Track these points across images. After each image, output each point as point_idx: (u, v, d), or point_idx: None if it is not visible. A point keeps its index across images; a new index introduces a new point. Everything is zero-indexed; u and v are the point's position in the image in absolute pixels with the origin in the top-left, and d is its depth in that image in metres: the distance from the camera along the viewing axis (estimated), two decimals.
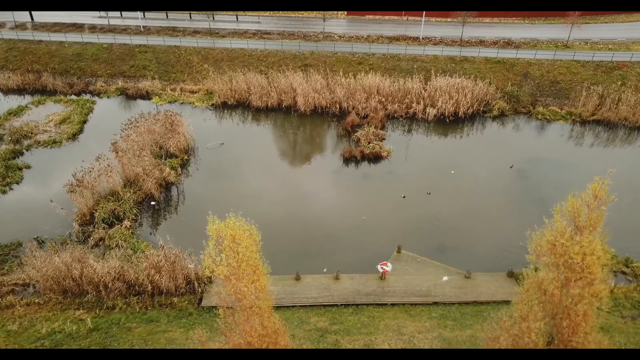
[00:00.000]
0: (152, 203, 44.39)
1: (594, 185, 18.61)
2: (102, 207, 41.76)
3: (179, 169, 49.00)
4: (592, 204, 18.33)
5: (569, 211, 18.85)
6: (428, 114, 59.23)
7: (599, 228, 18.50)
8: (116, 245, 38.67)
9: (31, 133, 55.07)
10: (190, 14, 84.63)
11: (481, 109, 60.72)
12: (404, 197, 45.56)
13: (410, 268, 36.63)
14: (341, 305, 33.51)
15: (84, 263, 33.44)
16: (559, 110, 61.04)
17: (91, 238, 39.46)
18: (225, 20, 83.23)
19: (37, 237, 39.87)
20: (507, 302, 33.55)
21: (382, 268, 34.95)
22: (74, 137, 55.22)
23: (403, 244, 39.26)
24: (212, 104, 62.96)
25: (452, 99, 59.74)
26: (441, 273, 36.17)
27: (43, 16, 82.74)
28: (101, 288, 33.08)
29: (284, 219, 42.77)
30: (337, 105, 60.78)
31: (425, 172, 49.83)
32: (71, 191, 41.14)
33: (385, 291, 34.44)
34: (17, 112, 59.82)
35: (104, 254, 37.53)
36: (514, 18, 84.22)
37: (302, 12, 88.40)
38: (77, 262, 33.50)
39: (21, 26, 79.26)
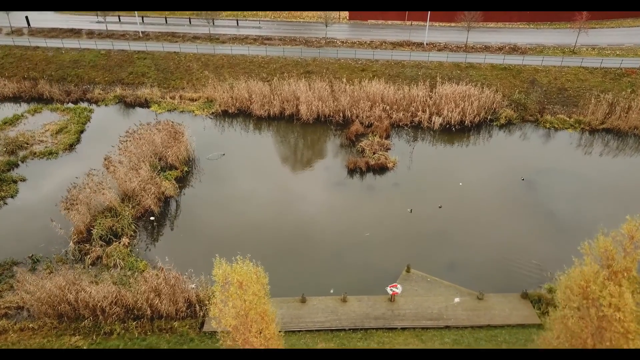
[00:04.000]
0: (152, 218, 42.92)
1: (628, 226, 17.15)
2: (99, 224, 40.26)
3: (180, 182, 47.48)
4: (629, 247, 16.87)
5: (601, 252, 17.44)
6: (434, 123, 57.83)
7: (634, 272, 17.10)
8: (114, 265, 37.22)
9: (26, 143, 53.55)
10: (189, 18, 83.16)
11: (488, 117, 59.33)
12: (411, 211, 44.15)
13: (420, 289, 35.21)
14: (349, 329, 32.07)
15: (79, 286, 31.95)
16: (567, 119, 59.66)
17: (88, 257, 37.95)
18: (225, 25, 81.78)
19: (32, 255, 38.38)
20: (522, 326, 32.57)
21: (391, 290, 33.53)
22: (70, 147, 53.71)
23: (411, 261, 37.85)
24: (213, 113, 61.48)
25: (458, 107, 58.32)
26: (452, 294, 34.75)
27: (40, 21, 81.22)
28: (98, 313, 31.61)
29: (287, 235, 41.36)
30: (341, 114, 59.38)
31: (432, 184, 48.40)
32: (66, 209, 39.56)
33: (395, 314, 33.01)
34: (13, 121, 58.30)
35: (101, 274, 36.07)
36: (518, 23, 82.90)
37: (303, 16, 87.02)
38: (71, 285, 32.01)
39: (17, 32, 77.73)
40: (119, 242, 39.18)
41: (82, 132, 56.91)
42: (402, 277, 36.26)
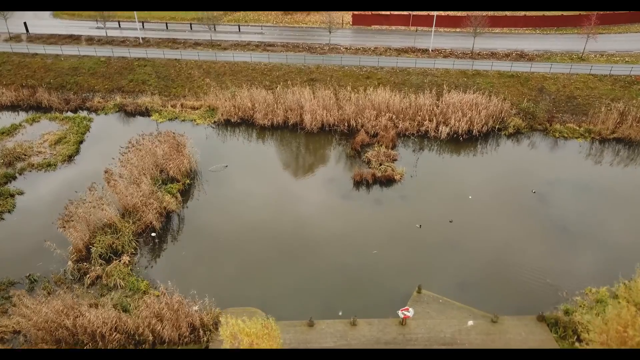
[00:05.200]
0: (153, 234, 41.60)
1: None
2: (99, 241, 38.93)
3: (182, 195, 46.15)
4: None
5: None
6: (441, 133, 56.49)
7: None
8: (114, 285, 35.93)
9: (24, 155, 52.24)
10: (190, 24, 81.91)
11: (496, 126, 58.02)
12: (420, 226, 42.84)
13: (432, 311, 33.93)
14: None
15: (77, 311, 30.65)
16: (577, 128, 58.34)
17: (87, 276, 36.63)
18: (227, 31, 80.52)
19: (30, 274, 37.10)
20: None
21: (403, 314, 32.23)
22: (69, 159, 52.39)
23: (421, 279, 36.64)
24: (215, 122, 60.19)
25: (466, 116, 57.01)
26: (465, 316, 33.48)
27: (38, 27, 79.99)
28: (98, 339, 30.30)
29: (292, 252, 40.06)
30: (346, 123, 58.08)
31: (440, 197, 47.07)
32: (62, 227, 38.20)
33: (406, 339, 31.73)
34: (10, 131, 56.94)
35: (101, 296, 34.80)
36: (525, 28, 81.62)
37: (306, 22, 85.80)
38: (70, 309, 30.73)
39: (16, 38, 76.47)
40: (119, 261, 37.86)
41: (81, 142, 55.59)
42: (413, 298, 34.99)
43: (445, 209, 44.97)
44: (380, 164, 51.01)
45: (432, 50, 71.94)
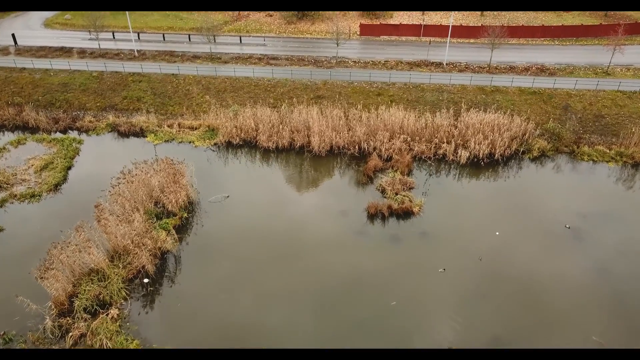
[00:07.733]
0: (145, 281, 37.05)
1: None
2: (84, 291, 34.46)
3: (179, 231, 41.61)
4: None
5: None
6: (460, 156, 52.04)
7: None
8: (100, 346, 31.43)
9: (7, 183, 47.75)
10: (189, 35, 77.55)
11: (521, 149, 53.54)
12: (444, 270, 38.35)
13: None
14: None
15: None
16: (607, 150, 53.88)
17: (70, 335, 32.14)
18: (227, 42, 76.17)
19: (4, 333, 32.59)
20: None
21: None
22: (56, 188, 47.86)
23: (449, 337, 32.38)
24: (215, 143, 55.72)
25: (487, 138, 52.58)
26: None
27: (28, 39, 75.64)
28: None
29: (301, 303, 35.51)
30: (356, 146, 53.62)
31: (464, 232, 42.51)
32: (41, 277, 33.71)
33: None
34: None
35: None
36: (542, 39, 77.18)
37: (311, 32, 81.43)
38: None
39: (3, 51, 72.04)
40: (107, 315, 33.36)
41: (69, 168, 51.09)
42: None
43: (471, 247, 40.51)
44: (396, 194, 46.57)
45: (446, 64, 67.49)
